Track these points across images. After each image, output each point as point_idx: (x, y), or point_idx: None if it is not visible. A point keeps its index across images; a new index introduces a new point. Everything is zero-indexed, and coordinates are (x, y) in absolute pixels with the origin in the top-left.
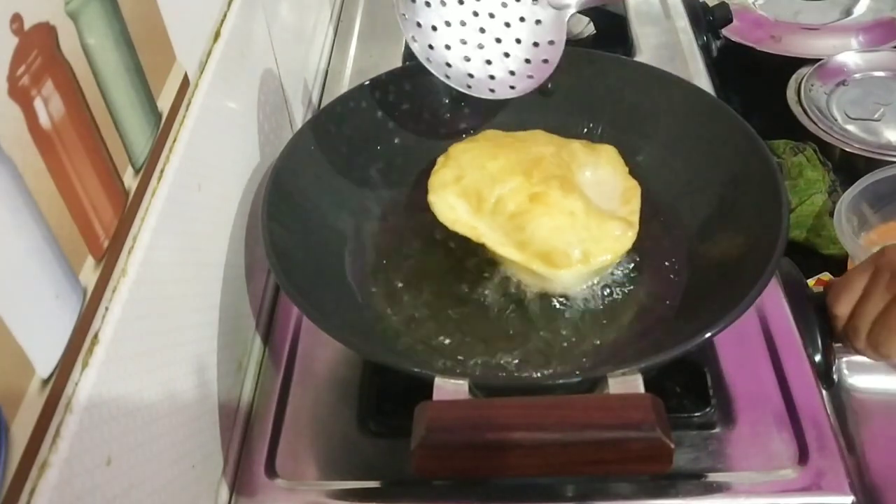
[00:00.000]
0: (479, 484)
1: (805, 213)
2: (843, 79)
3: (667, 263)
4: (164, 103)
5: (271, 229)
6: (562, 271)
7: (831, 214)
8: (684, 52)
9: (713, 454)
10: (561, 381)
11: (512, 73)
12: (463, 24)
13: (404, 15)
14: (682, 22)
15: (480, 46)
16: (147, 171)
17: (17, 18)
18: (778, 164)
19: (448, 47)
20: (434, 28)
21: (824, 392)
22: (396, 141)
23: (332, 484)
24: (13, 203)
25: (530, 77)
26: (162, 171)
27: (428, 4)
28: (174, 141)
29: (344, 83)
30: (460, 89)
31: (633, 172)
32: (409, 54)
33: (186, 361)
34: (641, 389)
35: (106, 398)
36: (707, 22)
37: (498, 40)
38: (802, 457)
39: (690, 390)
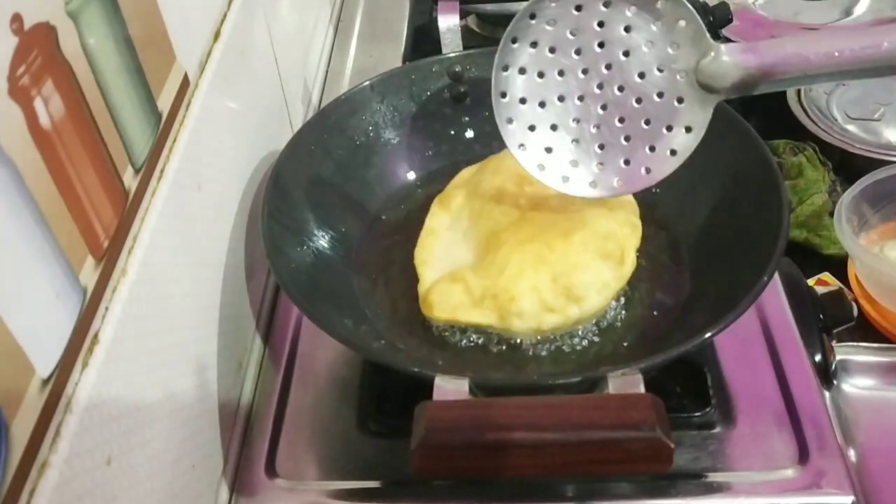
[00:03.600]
0: (479, 484)
1: (805, 213)
2: None
3: (667, 263)
4: (164, 103)
5: (271, 229)
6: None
7: (831, 214)
8: None
9: (713, 454)
10: (561, 381)
11: (627, 162)
12: (581, 98)
13: (503, 93)
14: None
15: (597, 127)
16: (147, 171)
17: (17, 18)
18: (778, 164)
19: (555, 128)
20: (542, 105)
21: (824, 392)
22: (397, 141)
23: (332, 484)
24: (13, 203)
25: (648, 172)
26: (162, 171)
27: (541, 76)
28: (174, 141)
29: (344, 83)
30: (553, 186)
31: None
32: (408, 54)
33: (186, 361)
34: (641, 389)
35: (106, 398)
36: (707, 22)
37: (622, 120)
38: (802, 457)
39: (690, 390)
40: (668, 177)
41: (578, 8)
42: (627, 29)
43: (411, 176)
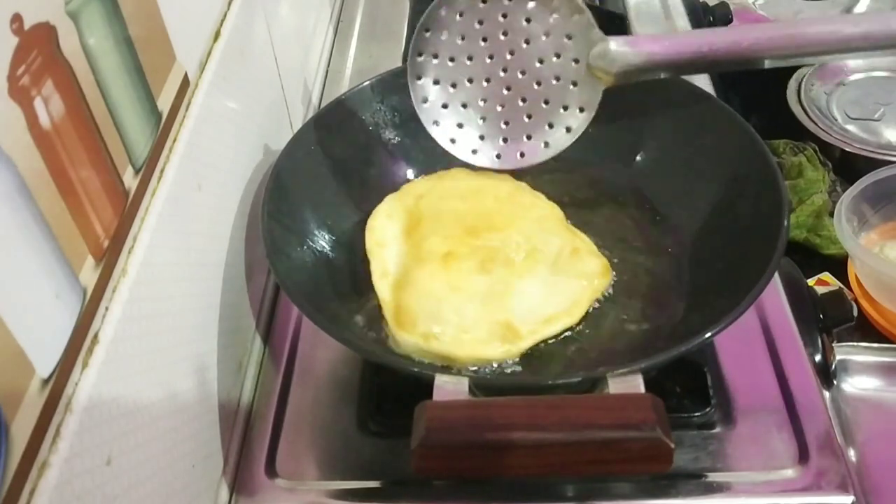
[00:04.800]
0: (479, 484)
1: (805, 213)
2: (842, 79)
3: (667, 264)
4: (164, 103)
5: (271, 229)
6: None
7: (831, 214)
8: None
9: (713, 454)
10: (561, 381)
11: (529, 137)
12: (488, 80)
13: (418, 76)
14: (682, 22)
15: (502, 106)
16: (147, 171)
17: (17, 18)
18: (778, 164)
19: (465, 106)
20: (454, 85)
21: (824, 392)
22: (397, 141)
23: (332, 484)
24: (13, 203)
25: (546, 146)
26: (162, 171)
27: (452, 60)
28: (174, 141)
29: (344, 83)
30: (463, 158)
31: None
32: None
33: (186, 361)
34: (641, 389)
35: (106, 398)
36: (707, 22)
37: (524, 100)
38: (802, 457)
39: (690, 390)
40: (667, 177)
41: (484, 0)
42: (528, 20)
43: (411, 176)
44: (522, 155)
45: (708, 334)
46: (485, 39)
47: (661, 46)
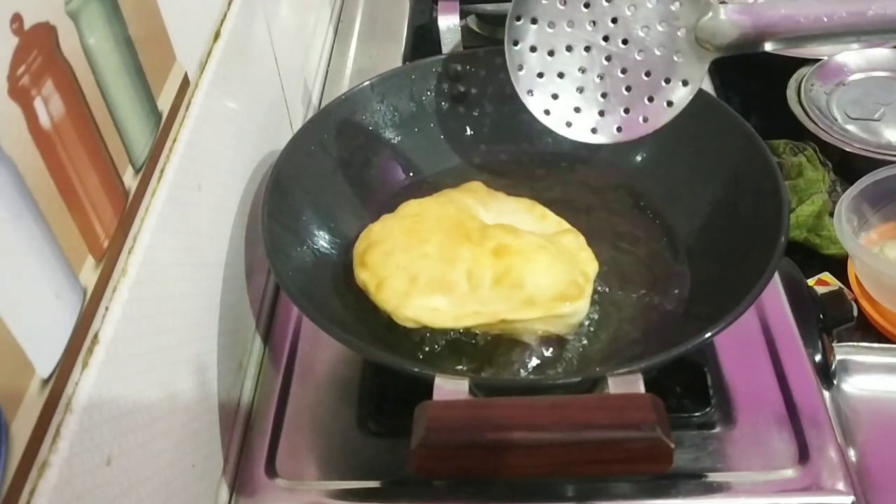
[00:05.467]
0: (479, 484)
1: (805, 213)
2: (842, 79)
3: (667, 264)
4: (164, 103)
5: (271, 229)
6: (579, 301)
7: (831, 214)
8: None
9: (713, 454)
10: (561, 381)
11: (627, 111)
12: (587, 49)
13: (515, 41)
14: None
15: (601, 77)
16: (147, 171)
17: (17, 18)
18: (778, 164)
19: (561, 75)
20: (551, 53)
21: (824, 392)
22: (397, 141)
23: (332, 484)
24: (13, 203)
25: (645, 121)
26: (162, 171)
27: (551, 26)
28: (174, 141)
29: (344, 83)
30: (557, 130)
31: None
32: (408, 54)
33: (186, 361)
34: (641, 389)
35: (106, 398)
36: None
37: (624, 71)
38: (802, 457)
39: (690, 390)
40: (668, 177)
41: None
42: None
43: (411, 176)
44: (619, 129)
45: (708, 334)
46: (587, 5)
47: (779, 16)
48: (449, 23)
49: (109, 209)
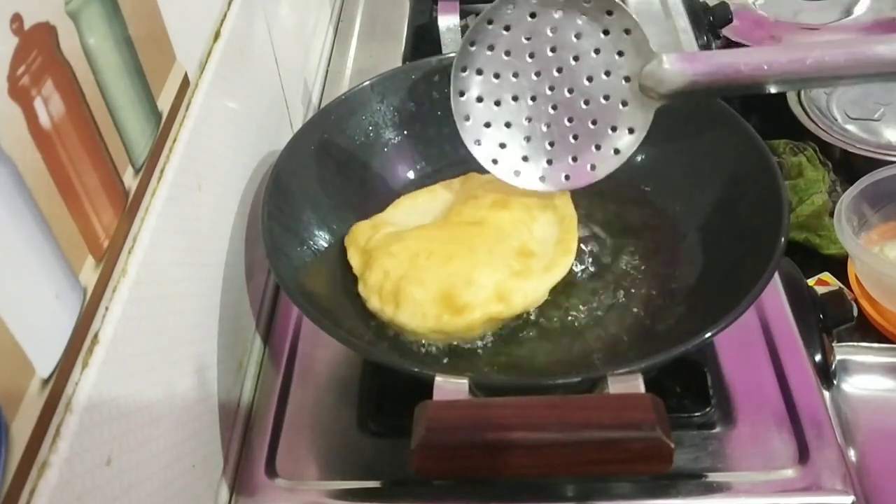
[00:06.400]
0: (479, 484)
1: (805, 213)
2: None
3: (667, 264)
4: (164, 103)
5: (271, 229)
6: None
7: (831, 214)
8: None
9: (713, 454)
10: (561, 381)
11: (574, 159)
12: (534, 98)
13: (461, 92)
14: (682, 22)
15: (547, 126)
16: (147, 171)
17: (17, 18)
18: (778, 164)
19: (508, 125)
20: (497, 103)
21: (824, 392)
22: (397, 140)
23: (332, 484)
24: (13, 203)
25: (593, 168)
26: (162, 171)
27: (497, 76)
28: (174, 141)
29: (344, 83)
30: (505, 179)
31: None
32: (408, 54)
33: (186, 361)
34: (641, 389)
35: (106, 398)
36: (707, 22)
37: (570, 119)
38: (802, 457)
39: (690, 390)
40: (668, 176)
41: (533, 15)
42: (578, 36)
43: (411, 176)
44: (567, 178)
45: (708, 334)
46: (532, 56)
47: (721, 64)
48: (449, 23)
49: (109, 209)
